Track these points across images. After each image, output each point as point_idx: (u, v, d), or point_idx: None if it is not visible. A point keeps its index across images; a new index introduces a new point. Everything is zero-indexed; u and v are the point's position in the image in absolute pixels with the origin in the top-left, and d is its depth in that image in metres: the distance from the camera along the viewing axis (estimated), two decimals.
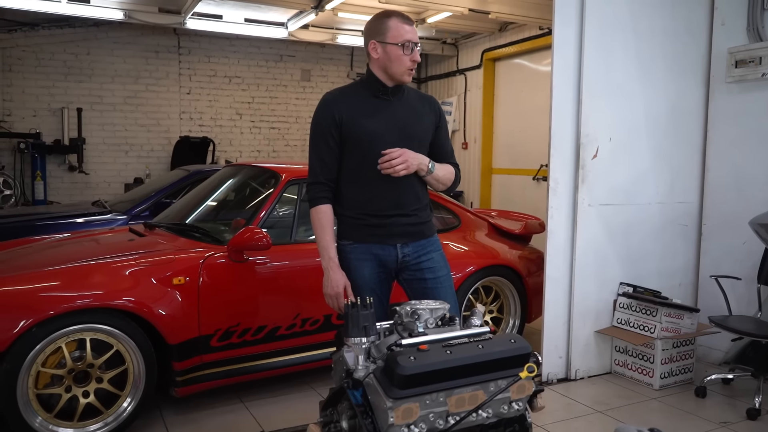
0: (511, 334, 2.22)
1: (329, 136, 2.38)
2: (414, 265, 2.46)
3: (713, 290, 3.89)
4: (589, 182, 3.83)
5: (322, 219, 2.39)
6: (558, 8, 3.69)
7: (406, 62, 2.35)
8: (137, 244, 3.44)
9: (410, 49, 2.34)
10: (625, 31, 3.89)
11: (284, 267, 3.44)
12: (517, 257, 4.26)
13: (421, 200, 2.48)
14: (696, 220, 4.33)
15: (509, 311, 4.30)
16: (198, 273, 3.14)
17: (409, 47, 2.34)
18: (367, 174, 2.37)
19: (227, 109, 8.90)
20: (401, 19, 2.35)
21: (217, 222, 3.93)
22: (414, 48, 2.35)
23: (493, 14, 6.90)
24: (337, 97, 2.43)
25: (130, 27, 7.93)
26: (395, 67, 2.36)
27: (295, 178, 3.66)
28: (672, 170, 4.20)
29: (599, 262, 3.94)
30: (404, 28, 2.34)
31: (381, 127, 2.37)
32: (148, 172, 8.36)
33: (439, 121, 2.54)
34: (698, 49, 4.23)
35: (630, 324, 3.90)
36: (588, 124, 3.79)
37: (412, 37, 2.34)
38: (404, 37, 2.33)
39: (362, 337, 1.86)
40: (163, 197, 5.21)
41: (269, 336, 3.36)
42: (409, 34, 2.34)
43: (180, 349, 3.07)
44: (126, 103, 8.30)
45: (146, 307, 2.96)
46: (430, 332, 1.91)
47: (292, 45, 9.00)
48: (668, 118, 4.14)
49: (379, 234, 2.41)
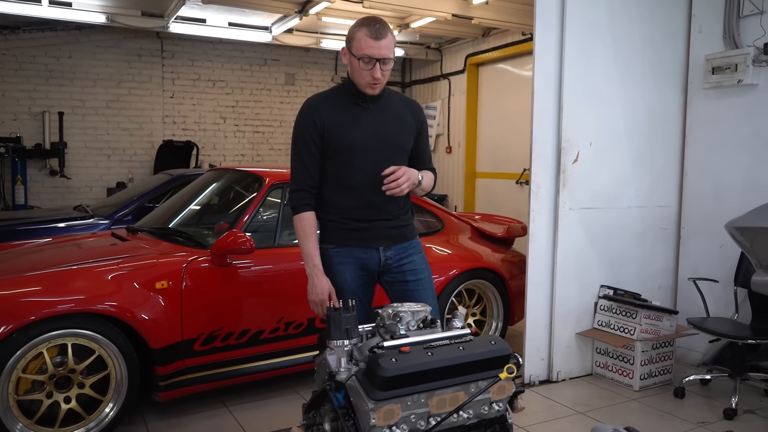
0: (491, 335, 2.26)
1: (311, 142, 2.39)
2: (396, 267, 2.48)
3: (692, 293, 3.96)
4: (570, 186, 3.89)
5: (305, 226, 2.40)
6: (539, 15, 3.75)
7: (366, 76, 2.30)
8: (119, 249, 3.43)
9: (370, 64, 2.27)
10: (604, 37, 3.96)
11: (268, 271, 3.45)
12: (499, 260, 4.30)
13: (401, 206, 2.50)
14: (675, 224, 4.41)
15: (492, 314, 4.33)
16: (181, 277, 3.14)
17: (369, 62, 2.27)
18: (349, 181, 2.38)
19: (211, 112, 8.88)
20: (369, 32, 2.26)
21: (201, 226, 3.92)
22: (376, 64, 2.26)
23: (476, 20, 6.96)
24: (318, 103, 2.42)
25: (113, 30, 7.89)
26: (356, 78, 2.34)
27: (279, 182, 3.67)
28: (651, 175, 4.27)
29: (580, 266, 3.99)
30: (367, 42, 2.25)
31: (362, 135, 2.37)
32: (131, 177, 8.31)
33: (420, 127, 2.54)
34: (676, 55, 4.31)
35: (610, 326, 3.95)
36: (569, 129, 3.85)
37: (373, 53, 2.25)
38: (363, 51, 2.26)
39: (344, 340, 1.87)
40: (145, 201, 5.18)
41: (253, 340, 3.36)
42: (370, 49, 2.25)
43: (163, 353, 3.06)
44: (108, 106, 8.25)
45: (128, 312, 2.95)
46: (412, 334, 1.94)
47: (276, 49, 9.00)
48: (647, 124, 4.21)
49: (361, 238, 2.43)
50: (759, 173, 3.95)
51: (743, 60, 3.93)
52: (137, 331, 2.98)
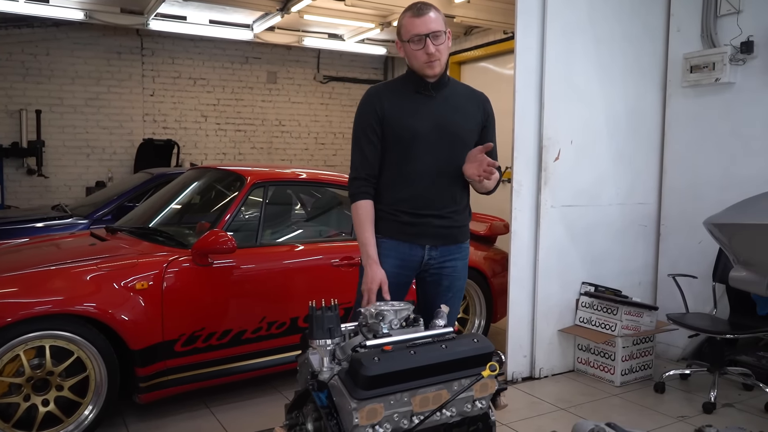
0: (473, 333, 2.26)
1: (370, 130, 2.35)
2: (435, 268, 2.43)
3: (671, 289, 4.01)
4: (551, 184, 3.91)
5: (361, 215, 2.35)
6: (520, 13, 3.76)
7: (421, 56, 2.27)
8: (99, 249, 3.38)
9: (421, 42, 2.25)
10: (585, 36, 3.99)
11: (250, 270, 3.42)
12: (482, 258, 4.32)
13: (458, 202, 2.42)
14: (655, 221, 4.45)
15: (475, 311, 4.35)
16: (161, 277, 3.11)
17: (420, 41, 2.25)
18: (405, 171, 2.33)
19: (192, 111, 8.80)
20: (411, 13, 2.27)
21: (182, 225, 3.88)
22: (426, 40, 2.24)
23: (458, 18, 6.97)
24: (380, 90, 2.40)
25: (92, 27, 7.77)
26: (414, 63, 2.32)
27: (261, 181, 3.64)
28: (632, 172, 4.30)
29: (562, 263, 4.01)
30: (412, 23, 2.26)
31: (422, 124, 2.32)
32: (111, 176, 8.20)
33: (486, 120, 2.44)
34: (656, 54, 4.35)
35: (592, 323, 3.98)
36: (550, 127, 3.87)
37: (420, 30, 2.24)
38: (411, 33, 2.26)
39: (327, 339, 1.86)
40: (125, 201, 5.13)
41: (235, 340, 3.33)
42: (416, 28, 2.25)
43: (143, 354, 3.03)
44: (87, 105, 8.13)
45: (108, 313, 2.91)
46: (395, 333, 1.93)
47: (257, 47, 8.94)
48: (627, 121, 4.25)
49: (409, 233, 2.37)
50: (736, 170, 4.01)
51: (720, 59, 3.98)
52: (117, 332, 2.95)
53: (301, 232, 4.07)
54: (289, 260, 3.60)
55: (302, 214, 4.32)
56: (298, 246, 3.72)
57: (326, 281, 3.61)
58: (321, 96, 9.62)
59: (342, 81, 9.72)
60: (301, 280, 3.56)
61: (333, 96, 9.73)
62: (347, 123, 9.69)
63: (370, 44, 8.85)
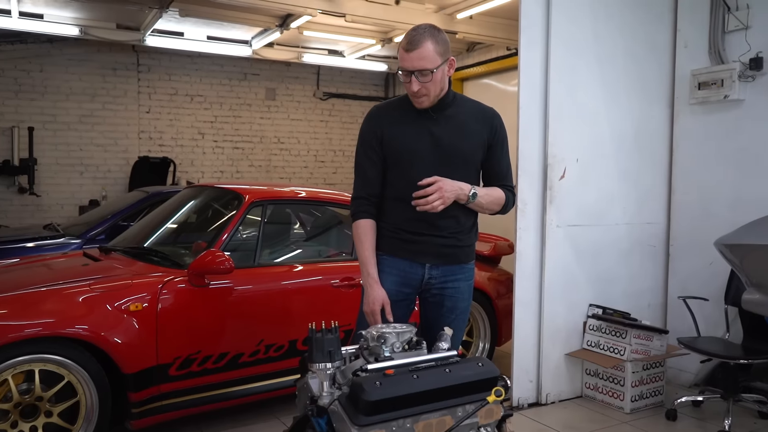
0: (478, 357, 2.25)
1: (371, 150, 2.39)
2: (437, 288, 2.43)
3: (682, 311, 3.99)
4: (557, 203, 3.91)
5: (360, 234, 2.38)
6: (524, 30, 3.79)
7: (408, 90, 2.29)
8: (92, 269, 3.38)
9: (407, 77, 2.25)
10: (589, 52, 4.02)
11: (247, 291, 3.42)
12: (486, 279, 4.31)
13: (462, 223, 2.42)
14: (664, 241, 4.45)
15: (479, 334, 4.33)
16: (156, 299, 3.10)
17: (406, 75, 2.25)
18: (404, 192, 2.34)
19: (189, 128, 8.84)
20: (404, 43, 2.25)
21: (177, 245, 3.88)
22: (411, 76, 2.23)
23: (460, 34, 7.04)
24: (381, 111, 2.44)
25: (87, 43, 7.85)
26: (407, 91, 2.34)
27: (259, 200, 3.65)
28: (639, 191, 4.31)
29: (568, 284, 4.00)
30: (401, 54, 2.25)
31: (421, 146, 2.34)
32: (105, 194, 8.22)
33: (493, 137, 2.43)
34: (662, 70, 4.38)
35: (600, 346, 3.96)
36: (555, 145, 3.88)
37: (405, 65, 2.24)
38: (399, 65, 2.28)
39: (327, 363, 1.85)
40: (120, 220, 5.13)
41: (231, 363, 3.31)
42: (403, 62, 2.25)
43: (136, 378, 3.01)
44: (81, 122, 8.18)
45: (100, 335, 2.90)
46: (397, 356, 1.92)
47: (256, 63, 9.01)
48: (634, 139, 4.27)
49: (410, 250, 2.39)
50: (747, 189, 4.02)
51: (729, 75, 4.01)
52: (109, 355, 2.93)
53: (300, 252, 4.07)
54: (287, 281, 3.59)
55: (301, 233, 4.32)
56: (297, 266, 3.71)
57: (326, 303, 3.60)
58: (321, 113, 9.68)
59: (342, 98, 9.79)
60: (301, 302, 3.55)
61: (333, 113, 9.78)
62: (347, 140, 9.73)
63: (371, 60, 8.93)
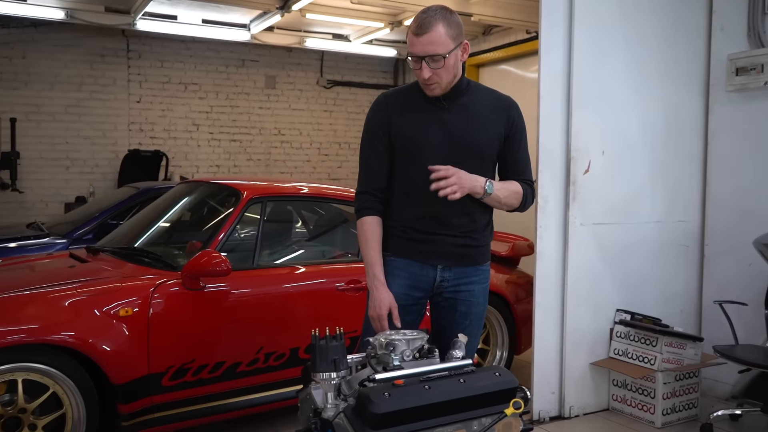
0: (495, 366, 2.25)
1: (377, 140, 2.39)
2: (449, 291, 2.43)
3: (718, 317, 3.97)
4: (580, 199, 3.91)
5: (366, 232, 2.38)
6: (545, 11, 3.78)
7: (419, 77, 2.29)
8: (78, 272, 3.40)
9: (417, 64, 2.25)
10: (617, 35, 4.00)
11: (246, 295, 3.43)
12: (503, 282, 4.31)
13: (476, 221, 2.42)
14: (698, 240, 4.43)
15: (496, 342, 4.33)
16: (148, 303, 3.12)
17: (416, 62, 2.25)
18: (413, 187, 2.34)
19: (182, 119, 8.88)
20: (413, 27, 2.24)
21: (170, 245, 3.90)
22: (422, 62, 2.23)
23: (475, 17, 7.02)
24: (389, 98, 2.43)
25: (73, 28, 7.89)
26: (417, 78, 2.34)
27: (258, 196, 3.66)
28: (671, 186, 4.29)
29: (593, 287, 3.99)
30: (411, 41, 2.25)
31: (432, 136, 2.33)
32: (92, 190, 8.27)
33: (510, 128, 2.42)
34: (696, 55, 4.36)
35: (628, 355, 3.95)
36: (579, 137, 3.87)
37: (416, 50, 2.23)
38: (409, 50, 2.27)
39: (331, 372, 1.86)
40: (108, 218, 5.17)
41: (228, 373, 3.33)
42: (413, 47, 2.24)
43: (126, 389, 3.03)
44: (67, 112, 8.23)
45: (88, 343, 2.92)
46: (407, 365, 1.93)
47: (255, 49, 9.03)
48: (665, 130, 4.25)
49: (420, 250, 2.39)
50: None
51: None
52: (98, 364, 2.95)
53: (302, 252, 4.08)
54: (289, 284, 3.60)
55: (304, 232, 4.33)
56: (300, 268, 3.72)
57: (330, 307, 3.61)
58: (324, 102, 9.69)
59: (348, 86, 9.80)
60: (303, 306, 3.56)
61: (338, 102, 9.80)
62: (353, 132, 9.74)
63: (379, 45, 8.93)
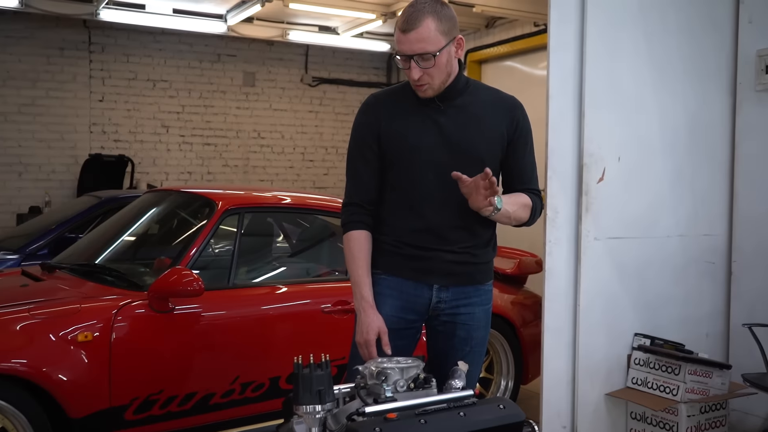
0: (499, 398, 2.25)
1: (366, 147, 2.39)
2: (447, 314, 2.43)
3: (747, 342, 3.97)
4: (594, 211, 3.91)
5: (353, 248, 2.37)
6: (554, 1, 3.79)
7: (408, 77, 2.30)
8: (32, 291, 3.40)
9: (406, 63, 2.26)
10: (634, 28, 4.03)
11: (220, 318, 3.42)
12: (509, 303, 4.31)
13: (478, 235, 2.42)
14: (725, 256, 4.44)
15: (500, 370, 4.32)
16: (110, 327, 3.10)
17: (405, 61, 2.26)
18: (407, 197, 2.35)
19: (150, 120, 8.88)
20: (400, 23, 2.26)
21: (136, 262, 3.91)
22: (410, 62, 2.24)
23: (478, 7, 7.08)
24: (379, 99, 2.45)
25: (28, 17, 7.89)
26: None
27: (235, 207, 3.66)
28: (694, 196, 4.31)
29: (609, 309, 4.00)
30: (399, 38, 2.26)
31: (426, 141, 2.34)
32: (48, 199, 8.25)
33: (515, 132, 2.41)
34: (722, 50, 4.39)
35: (648, 384, 3.95)
36: (592, 141, 3.89)
37: (403, 48, 2.25)
38: (397, 49, 2.28)
39: (316, 405, 1.85)
40: (66, 231, 5.16)
41: (201, 406, 3.31)
42: (400, 45, 2.25)
43: (85, 424, 3.01)
44: (21, 112, 8.21)
45: (42, 372, 2.91)
46: (401, 397, 1.92)
47: (232, 42, 9.06)
48: (688, 133, 4.27)
49: (414, 268, 2.38)
50: None
51: None
52: (53, 395, 2.93)
53: (284, 270, 4.07)
54: (269, 305, 3.59)
55: (286, 248, 4.33)
56: (281, 288, 3.71)
57: (315, 332, 3.60)
58: (310, 102, 9.72)
59: (335, 83, 9.84)
60: (284, 331, 3.56)
61: (324, 102, 9.83)
62: (341, 135, 9.77)
63: (370, 39, 8.98)
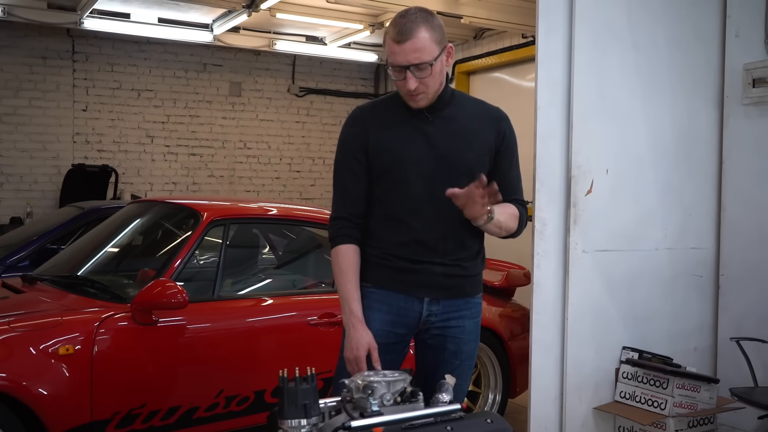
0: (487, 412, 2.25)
1: (353, 159, 2.40)
2: (437, 327, 2.43)
3: (735, 356, 4.00)
4: (582, 223, 3.93)
5: (341, 262, 2.37)
6: (542, 13, 3.83)
7: (402, 88, 2.32)
8: (12, 304, 3.39)
9: (401, 74, 2.27)
10: (623, 41, 4.06)
11: (205, 330, 3.42)
12: (497, 316, 4.32)
13: (467, 247, 2.44)
14: (712, 269, 4.47)
15: (488, 384, 4.33)
16: (92, 340, 3.09)
17: (400, 72, 2.27)
18: (396, 210, 2.36)
19: (135, 130, 8.86)
20: (393, 34, 2.26)
21: (119, 274, 3.90)
22: (406, 72, 2.25)
23: (466, 18, 7.12)
24: (365, 111, 2.46)
25: (11, 26, 7.87)
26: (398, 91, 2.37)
27: (220, 218, 3.65)
28: (683, 209, 4.34)
29: (597, 322, 4.01)
30: (391, 47, 2.27)
31: (415, 153, 2.35)
32: (30, 210, 8.21)
33: (501, 143, 2.45)
34: (709, 63, 4.43)
35: (636, 398, 3.97)
36: (580, 153, 3.91)
37: (398, 60, 2.26)
38: (390, 60, 2.29)
39: (301, 419, 1.85)
40: (48, 242, 5.13)
41: (184, 420, 3.30)
42: (394, 56, 2.26)
43: None
44: (2, 121, 8.18)
45: (21, 386, 2.89)
46: (387, 411, 1.92)
47: (218, 52, 9.07)
48: (677, 146, 4.30)
49: (404, 281, 2.39)
50: None
51: None
52: (33, 410, 2.91)
53: (269, 282, 4.07)
54: (254, 318, 3.60)
55: (272, 259, 4.32)
56: (266, 300, 3.71)
57: (301, 344, 3.60)
58: (296, 112, 9.73)
59: (322, 94, 9.86)
60: (270, 344, 3.55)
61: (311, 112, 9.84)
62: (328, 146, 9.78)
63: (358, 49, 9.02)
